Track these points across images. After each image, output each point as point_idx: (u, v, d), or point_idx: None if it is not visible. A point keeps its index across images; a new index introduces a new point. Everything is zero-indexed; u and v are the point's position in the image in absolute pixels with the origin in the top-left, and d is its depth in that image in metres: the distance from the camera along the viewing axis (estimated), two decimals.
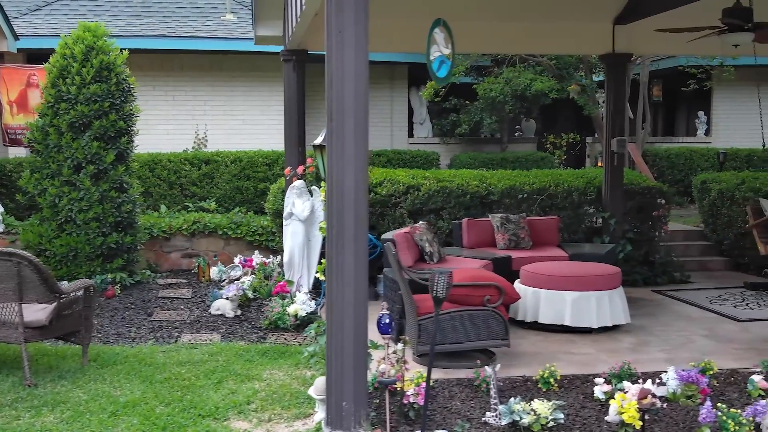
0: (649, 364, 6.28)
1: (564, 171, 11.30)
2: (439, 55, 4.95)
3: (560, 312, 7.30)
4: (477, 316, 6.10)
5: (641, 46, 9.91)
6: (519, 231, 9.00)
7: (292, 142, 9.56)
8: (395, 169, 11.14)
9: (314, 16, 9.19)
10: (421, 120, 16.46)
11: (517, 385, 5.80)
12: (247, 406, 5.35)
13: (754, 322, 7.83)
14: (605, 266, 7.70)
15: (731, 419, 4.73)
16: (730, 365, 6.28)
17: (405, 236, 7.69)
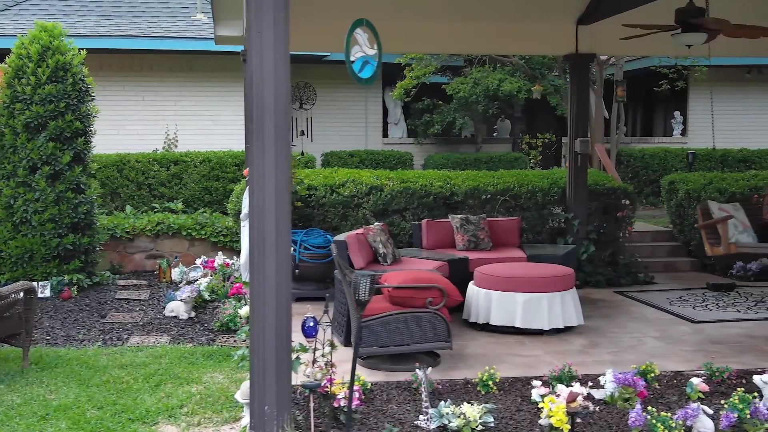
0: (596, 366, 6.24)
1: (530, 171, 11.27)
2: (361, 56, 4.90)
3: (511, 314, 7.26)
4: (419, 319, 6.05)
5: (604, 47, 9.89)
6: (479, 232, 8.96)
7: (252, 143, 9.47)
8: (360, 170, 11.12)
9: None
10: (396, 120, 16.43)
11: (458, 388, 5.75)
12: (180, 409, 5.30)
13: (708, 324, 7.81)
14: (558, 267, 7.67)
15: (661, 423, 4.69)
16: (676, 367, 6.25)
17: (357, 237, 7.64)
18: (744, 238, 8.67)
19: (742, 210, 9.29)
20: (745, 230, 8.82)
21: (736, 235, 8.66)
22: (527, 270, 7.52)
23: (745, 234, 8.73)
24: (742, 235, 8.69)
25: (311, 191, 9.90)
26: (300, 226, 9.61)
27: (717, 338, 7.24)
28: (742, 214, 9.22)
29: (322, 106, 15.76)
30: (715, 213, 8.89)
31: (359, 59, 4.89)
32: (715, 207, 9.03)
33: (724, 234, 8.61)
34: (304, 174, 10.60)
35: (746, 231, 8.86)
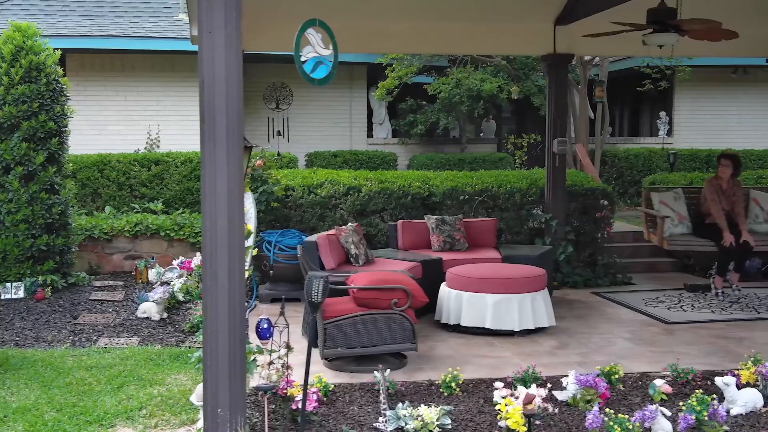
0: (562, 367, 6.22)
1: (509, 172, 11.26)
2: (314, 56, 4.88)
3: (481, 315, 7.25)
4: (384, 320, 6.03)
5: (582, 47, 9.87)
6: (454, 233, 8.93)
7: None
8: (339, 170, 11.11)
9: None
10: (381, 120, 16.41)
11: (421, 390, 5.73)
12: (139, 411, 5.27)
13: (681, 325, 7.80)
14: (530, 268, 7.65)
15: (618, 425, 4.67)
16: (643, 369, 6.24)
17: (328, 238, 7.61)
18: (678, 230, 8.80)
19: (683, 199, 9.35)
20: (680, 222, 8.90)
21: (671, 229, 8.77)
22: (498, 271, 7.50)
23: (681, 226, 8.84)
24: (676, 228, 8.81)
25: (288, 192, 9.88)
26: (277, 227, 9.58)
27: (688, 339, 7.23)
28: (682, 203, 9.28)
29: (305, 106, 15.75)
30: (655, 204, 8.98)
31: (311, 60, 4.87)
32: (656, 199, 9.10)
33: (660, 229, 8.74)
34: (282, 174, 10.58)
35: (682, 223, 8.95)
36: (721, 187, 9.45)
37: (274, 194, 9.41)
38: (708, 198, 9.27)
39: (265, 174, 9.35)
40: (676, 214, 9.23)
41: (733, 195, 9.30)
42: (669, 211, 9.32)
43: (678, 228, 8.93)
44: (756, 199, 9.70)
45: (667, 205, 9.47)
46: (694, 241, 9.21)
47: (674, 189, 9.75)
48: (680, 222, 9.27)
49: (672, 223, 9.17)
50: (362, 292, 6.06)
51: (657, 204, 9.38)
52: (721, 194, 9.31)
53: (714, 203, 9.11)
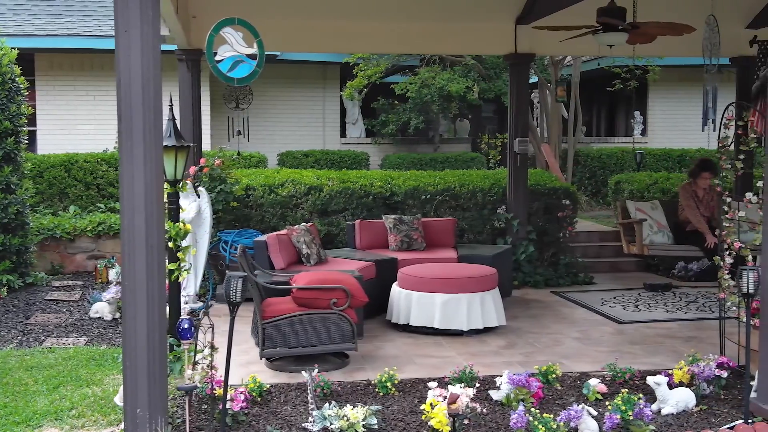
0: (504, 367, 6.18)
1: (474, 172, 11.26)
2: (231, 55, 4.86)
3: (430, 314, 7.24)
4: (323, 320, 6.02)
5: (543, 47, 9.87)
6: (412, 232, 8.92)
7: None
8: (303, 170, 11.10)
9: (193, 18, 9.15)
10: (354, 120, 16.39)
11: (358, 390, 5.72)
12: (69, 412, 5.24)
13: (632, 324, 7.81)
14: (480, 268, 7.65)
15: (542, 425, 4.67)
16: (584, 368, 6.24)
17: (278, 238, 7.59)
18: (658, 238, 8.72)
19: (661, 209, 9.32)
20: (660, 230, 8.85)
21: (651, 236, 8.70)
22: (447, 271, 7.49)
23: (660, 234, 8.76)
24: (656, 235, 8.73)
25: (249, 191, 9.86)
26: (237, 227, 9.56)
27: (636, 339, 7.23)
28: (660, 213, 9.25)
29: (278, 105, 15.73)
30: (631, 212, 8.93)
31: (228, 59, 4.84)
32: (632, 206, 9.06)
33: (639, 235, 8.66)
34: (245, 174, 10.56)
35: (661, 231, 8.89)
36: (697, 194, 9.47)
37: (233, 194, 9.39)
38: (684, 204, 9.29)
39: (224, 173, 9.33)
40: (655, 221, 9.20)
41: (711, 200, 9.33)
42: (646, 218, 9.27)
43: (658, 236, 8.87)
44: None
45: (644, 212, 9.44)
46: (675, 247, 9.15)
47: (651, 201, 9.73)
48: (660, 230, 9.22)
49: (651, 230, 9.10)
50: (301, 291, 6.04)
51: (633, 211, 9.33)
52: (698, 201, 9.35)
53: (690, 208, 9.13)
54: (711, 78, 5.71)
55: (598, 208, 14.81)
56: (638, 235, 8.77)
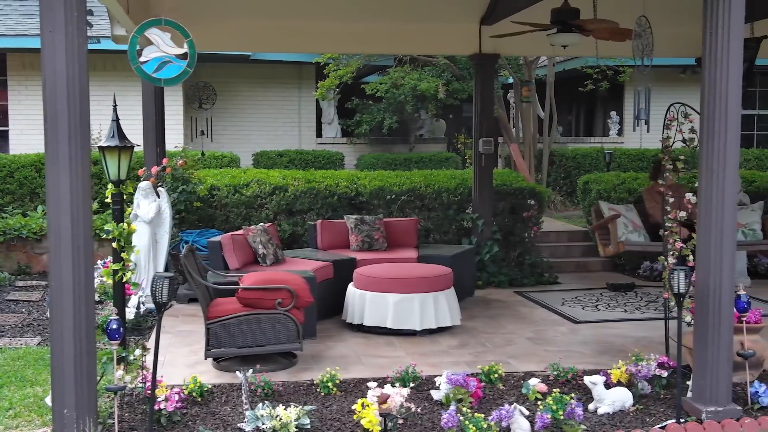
0: (452, 366, 6.20)
1: (440, 171, 11.28)
2: (157, 56, 4.86)
3: (383, 314, 7.26)
4: (268, 320, 6.02)
5: (507, 47, 9.88)
6: (373, 232, 8.93)
7: (150, 143, 9.41)
8: (270, 170, 11.10)
9: None
10: (330, 120, 16.40)
11: (300, 390, 5.73)
12: (6, 412, 5.24)
13: (588, 324, 7.83)
14: (435, 267, 7.66)
15: (473, 424, 4.68)
16: (531, 368, 6.25)
17: (233, 238, 7.59)
18: (634, 237, 8.72)
19: (635, 211, 9.33)
20: (635, 230, 8.84)
21: (626, 234, 8.69)
22: (401, 271, 7.50)
23: (636, 233, 8.78)
24: (632, 234, 8.73)
25: (214, 191, 9.86)
26: (201, 227, 9.56)
27: (588, 338, 7.26)
28: (634, 214, 9.25)
29: (254, 105, 15.73)
30: (606, 213, 8.94)
31: (154, 60, 4.84)
32: (605, 207, 9.06)
33: (614, 233, 8.64)
34: (211, 174, 10.57)
35: (637, 231, 8.89)
36: (660, 194, 9.49)
37: (196, 194, 9.38)
38: (648, 207, 9.33)
39: (187, 174, 9.33)
40: (630, 221, 9.22)
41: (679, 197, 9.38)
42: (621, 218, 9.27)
43: (633, 235, 8.86)
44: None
45: (619, 212, 9.43)
46: (652, 244, 9.14)
47: (626, 204, 9.75)
48: (635, 229, 9.22)
49: (626, 229, 9.11)
50: (246, 292, 6.05)
51: (607, 211, 9.33)
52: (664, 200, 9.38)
53: (656, 209, 9.17)
54: (642, 78, 5.72)
55: (573, 208, 14.84)
56: (613, 232, 8.78)
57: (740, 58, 4.88)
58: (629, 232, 8.75)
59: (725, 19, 4.85)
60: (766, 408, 5.23)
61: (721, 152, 4.94)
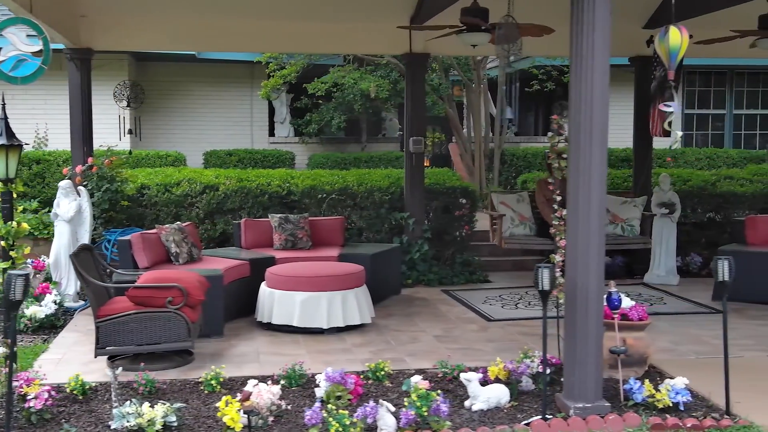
0: (347, 364, 6.23)
1: (374, 171, 11.32)
2: (14, 54, 4.86)
3: (290, 313, 7.28)
4: (158, 318, 6.04)
5: (436, 47, 9.92)
6: (297, 231, 8.95)
7: (77, 143, 9.42)
8: (205, 170, 11.12)
9: (82, 17, 9.14)
10: (282, 119, 16.41)
11: (186, 388, 5.74)
12: None
13: (500, 322, 7.87)
14: (346, 266, 7.70)
15: (336, 421, 4.71)
16: (425, 365, 6.28)
17: (143, 237, 7.60)
18: (519, 230, 8.83)
19: (527, 201, 9.44)
20: (522, 223, 8.96)
21: (511, 229, 8.81)
22: (310, 269, 7.52)
23: (522, 227, 8.88)
24: (517, 228, 8.85)
25: (144, 190, 9.86)
26: (129, 226, 9.56)
27: (495, 336, 7.30)
28: (525, 206, 9.37)
29: (206, 104, 15.74)
30: (496, 205, 9.04)
31: (11, 58, 4.85)
32: (496, 199, 9.16)
33: (498, 228, 8.77)
34: (144, 173, 10.58)
35: (523, 224, 9.01)
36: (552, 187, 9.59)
37: (122, 192, 9.38)
38: (538, 205, 9.44)
39: (114, 173, 9.33)
40: (517, 214, 9.30)
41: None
42: (508, 211, 9.38)
43: (519, 228, 8.98)
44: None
45: (508, 205, 9.57)
46: (532, 240, 9.30)
47: (519, 192, 9.85)
48: (522, 222, 9.31)
49: (512, 224, 9.22)
50: (136, 290, 6.06)
51: (497, 205, 9.46)
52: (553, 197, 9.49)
53: (542, 204, 9.27)
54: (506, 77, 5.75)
55: None
56: (498, 228, 8.90)
57: (606, 57, 4.92)
58: (514, 227, 8.88)
59: (590, 18, 4.89)
60: (639, 404, 5.26)
61: (587, 152, 4.98)
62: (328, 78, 14.53)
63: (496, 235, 9.18)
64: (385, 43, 10.33)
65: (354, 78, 14.00)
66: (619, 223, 9.55)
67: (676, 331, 7.50)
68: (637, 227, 9.45)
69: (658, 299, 9.05)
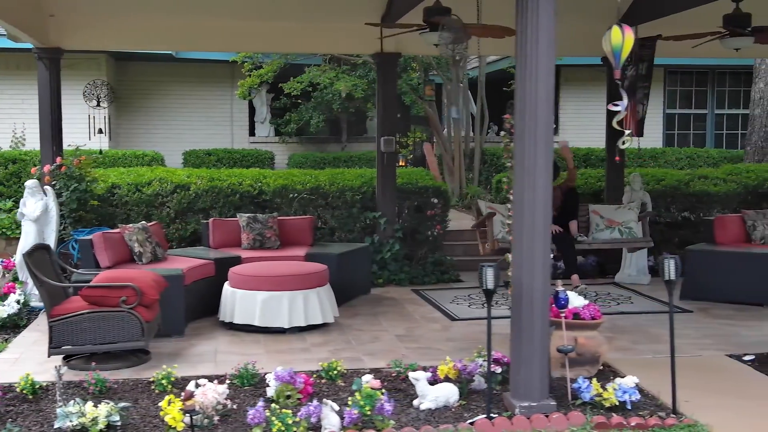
0: (305, 364, 6.23)
1: (347, 170, 11.32)
2: None
3: (251, 312, 7.28)
4: (112, 318, 6.03)
5: (408, 47, 9.92)
6: (265, 231, 8.95)
7: (46, 142, 9.40)
8: (177, 169, 11.11)
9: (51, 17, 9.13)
10: (262, 119, 16.41)
11: (138, 388, 5.74)
12: None
13: (465, 321, 7.88)
14: (308, 265, 7.71)
15: (279, 420, 4.71)
16: (380, 365, 6.29)
17: (105, 236, 7.59)
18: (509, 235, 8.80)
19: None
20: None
21: (503, 233, 8.75)
22: (272, 269, 7.52)
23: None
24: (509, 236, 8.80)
25: (115, 190, 9.85)
26: (100, 225, 9.54)
27: (456, 336, 7.31)
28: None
29: (185, 104, 15.74)
30: (483, 212, 9.00)
31: None
32: (483, 205, 9.13)
33: (490, 231, 8.71)
34: (116, 173, 10.56)
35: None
36: None
37: (92, 192, 9.37)
38: None
39: (83, 172, 9.31)
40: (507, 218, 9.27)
41: (555, 198, 9.48)
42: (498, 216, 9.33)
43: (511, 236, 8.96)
44: (596, 211, 9.83)
45: (497, 210, 9.51)
46: None
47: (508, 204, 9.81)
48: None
49: (503, 227, 9.18)
50: (89, 290, 6.06)
51: (485, 209, 9.42)
52: None
53: None
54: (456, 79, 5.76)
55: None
56: (489, 229, 8.87)
57: (551, 58, 4.93)
58: (507, 234, 8.83)
59: (534, 19, 4.89)
60: (588, 403, 5.27)
61: (532, 150, 4.99)
62: (304, 77, 14.54)
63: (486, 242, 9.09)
64: (357, 43, 10.34)
65: (329, 78, 14.01)
66: (615, 227, 9.55)
67: (638, 330, 7.52)
68: (635, 229, 9.46)
69: (626, 299, 9.07)
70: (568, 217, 9.43)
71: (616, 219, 9.51)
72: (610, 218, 9.64)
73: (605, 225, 9.69)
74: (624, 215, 9.53)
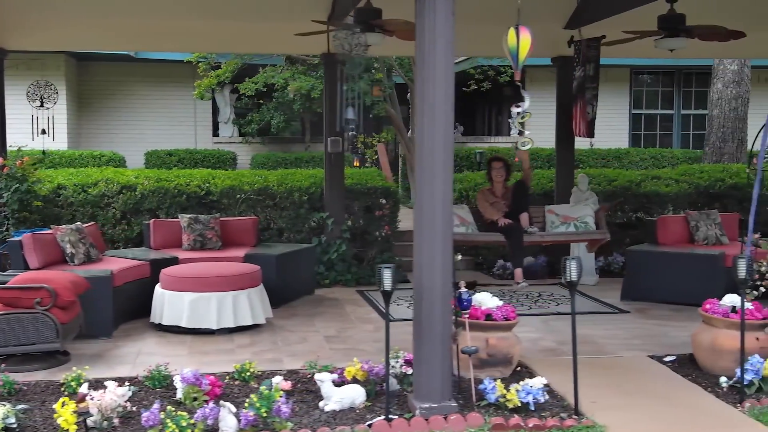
0: (224, 365, 6.22)
1: (296, 171, 11.30)
2: None
3: (179, 313, 7.27)
4: (26, 319, 6.01)
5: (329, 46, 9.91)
6: (206, 231, 8.93)
7: None
8: (125, 170, 11.09)
9: None
10: (226, 119, 16.40)
11: (49, 389, 5.71)
12: None
13: (401, 322, 7.77)
14: (241, 266, 7.70)
15: (174, 422, 4.69)
16: (297, 366, 6.27)
17: (35, 237, 7.56)
18: (461, 230, 8.91)
19: (468, 209, 9.47)
20: (462, 225, 8.99)
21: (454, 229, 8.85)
22: (202, 270, 7.51)
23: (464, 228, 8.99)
24: (459, 228, 8.91)
25: (60, 190, 9.82)
26: (44, 226, 9.51)
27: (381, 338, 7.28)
28: (466, 212, 9.40)
29: (147, 104, 15.72)
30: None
31: None
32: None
33: None
34: (63, 173, 10.54)
35: (464, 225, 9.04)
36: (495, 193, 9.69)
37: (35, 193, 9.34)
38: (480, 209, 9.53)
39: (26, 173, 9.28)
40: (456, 216, 9.32)
41: (509, 196, 9.58)
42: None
43: (461, 228, 8.99)
44: (552, 210, 9.88)
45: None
46: (474, 235, 9.29)
47: (460, 205, 9.88)
48: (462, 224, 9.32)
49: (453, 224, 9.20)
50: (3, 291, 6.04)
51: None
52: (498, 198, 9.59)
53: (486, 209, 9.39)
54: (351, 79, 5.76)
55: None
56: None
57: (449, 60, 4.93)
58: (456, 227, 8.86)
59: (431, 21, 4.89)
60: (492, 404, 5.27)
61: (431, 152, 4.98)
62: (259, 78, 14.52)
63: None
64: (304, 43, 10.26)
65: (284, 78, 13.99)
66: (571, 222, 9.61)
67: (569, 331, 7.51)
68: (591, 224, 9.54)
69: (567, 299, 9.05)
70: (519, 210, 9.49)
71: (572, 215, 9.58)
72: (566, 215, 9.69)
73: (560, 222, 9.73)
74: (580, 211, 9.59)
